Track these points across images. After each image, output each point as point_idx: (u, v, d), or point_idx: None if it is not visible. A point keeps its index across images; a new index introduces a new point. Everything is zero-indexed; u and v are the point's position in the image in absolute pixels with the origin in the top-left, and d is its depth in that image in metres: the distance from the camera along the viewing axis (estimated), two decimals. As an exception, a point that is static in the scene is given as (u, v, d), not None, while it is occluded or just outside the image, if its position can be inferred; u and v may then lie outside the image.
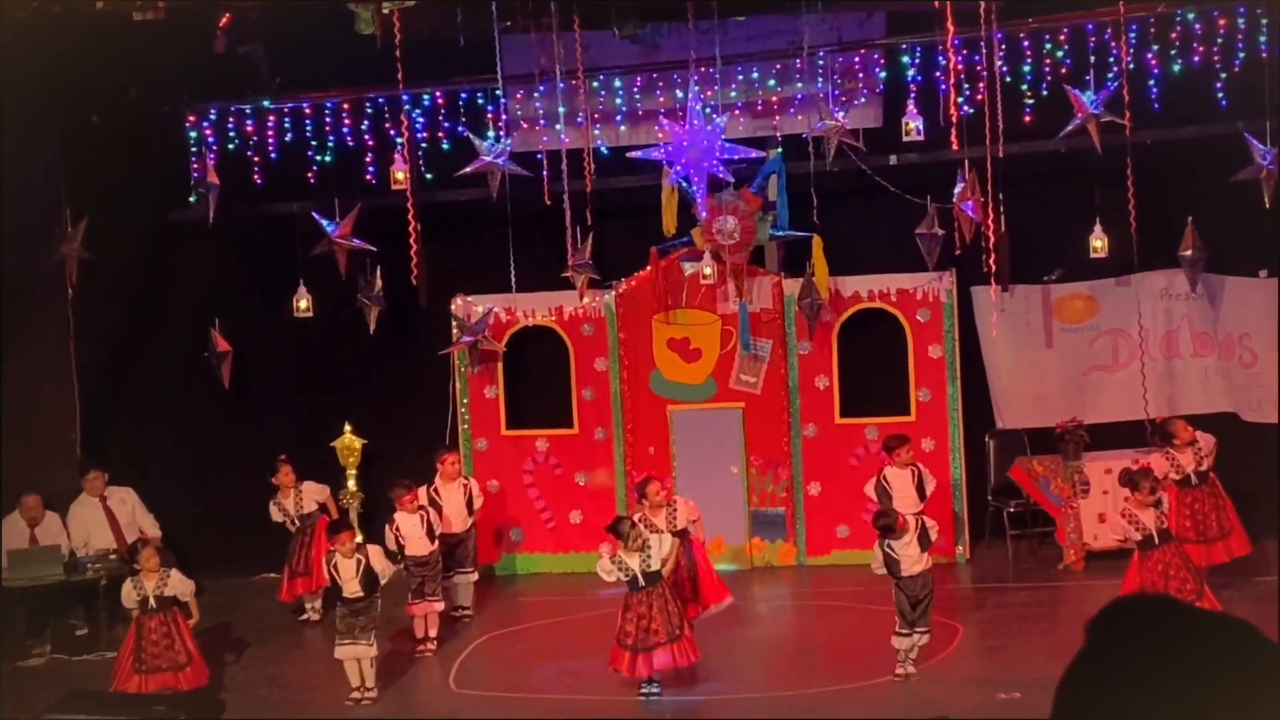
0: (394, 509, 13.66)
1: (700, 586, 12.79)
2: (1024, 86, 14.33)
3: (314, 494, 14.79)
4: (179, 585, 12.21)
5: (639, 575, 11.49)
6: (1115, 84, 13.61)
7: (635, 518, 12.23)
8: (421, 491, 13.94)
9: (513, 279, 14.79)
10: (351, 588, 12.03)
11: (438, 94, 15.22)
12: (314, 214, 14.76)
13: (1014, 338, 15.68)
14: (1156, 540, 11.96)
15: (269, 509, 14.74)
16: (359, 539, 12.77)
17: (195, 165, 15.12)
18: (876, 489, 13.57)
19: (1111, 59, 13.87)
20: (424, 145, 15.20)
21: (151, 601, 12.04)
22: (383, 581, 12.23)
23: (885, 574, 11.74)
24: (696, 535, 12.93)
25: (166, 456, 15.90)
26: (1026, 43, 14.31)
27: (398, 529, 13.50)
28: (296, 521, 14.68)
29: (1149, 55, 14.08)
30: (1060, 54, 14.28)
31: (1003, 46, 14.11)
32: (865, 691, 11.64)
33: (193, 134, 15.34)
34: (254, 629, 14.38)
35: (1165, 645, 2.00)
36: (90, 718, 10.50)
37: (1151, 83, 14.16)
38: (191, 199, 15.20)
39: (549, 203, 14.33)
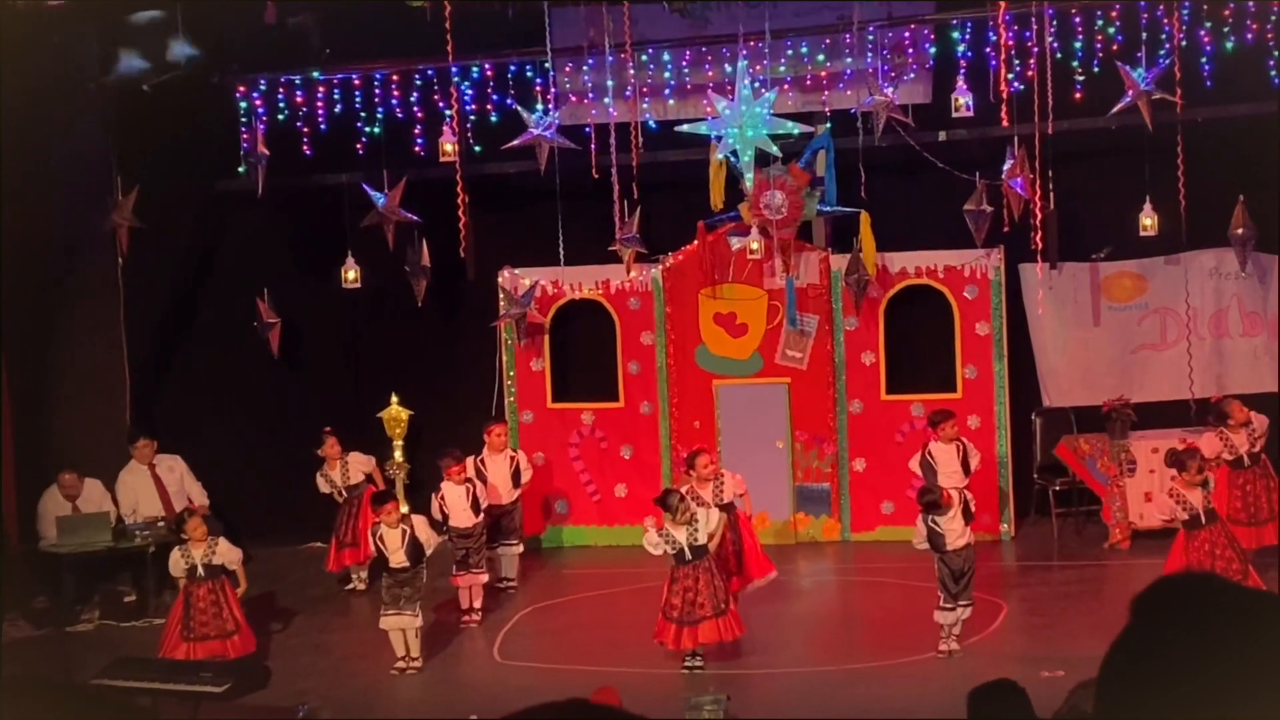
0: (440, 479, 13.71)
1: (745, 560, 12.81)
2: (1075, 63, 14.24)
3: (360, 465, 14.87)
4: (226, 554, 12.30)
5: (685, 549, 11.52)
6: (1167, 61, 13.53)
7: (683, 490, 12.25)
8: (468, 462, 13.99)
9: (561, 252, 14.83)
10: (397, 558, 12.10)
11: (486, 66, 15.24)
12: (364, 185, 14.83)
13: (1061, 315, 15.62)
14: (1203, 520, 11.91)
15: (316, 480, 14.83)
16: (404, 510, 12.85)
17: (245, 135, 15.19)
18: (921, 464, 13.55)
19: (1163, 35, 13.77)
20: (472, 117, 15.22)
21: (199, 570, 12.14)
22: (428, 552, 12.30)
23: (928, 549, 11.74)
24: (743, 509, 12.95)
25: (215, 425, 16.02)
26: (1078, 19, 14.22)
27: (443, 499, 13.56)
28: (344, 492, 14.78)
29: (1201, 32, 13.98)
30: (1112, 30, 14.17)
31: (1054, 22, 14.03)
32: (908, 667, 11.65)
33: (243, 104, 15.41)
34: (301, 598, 14.48)
35: (1211, 624, 2.00)
36: (138, 683, 10.58)
37: (1204, 60, 14.06)
38: (241, 169, 15.27)
39: (596, 176, 14.37)
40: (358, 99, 15.43)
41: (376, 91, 15.39)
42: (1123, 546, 14.63)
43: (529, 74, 15.13)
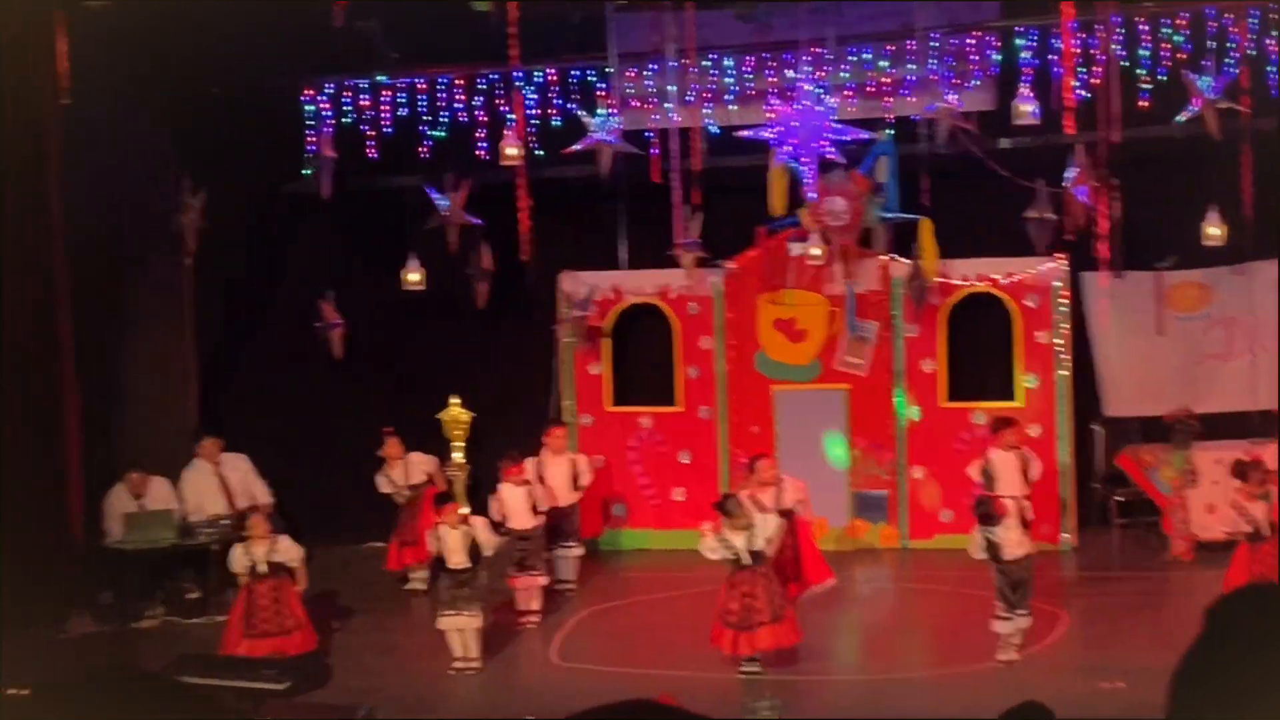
0: (499, 481, 13.77)
1: (803, 566, 12.80)
2: (1141, 71, 14.16)
3: (422, 465, 14.95)
4: (288, 552, 12.39)
5: (743, 553, 11.52)
6: (1234, 70, 13.43)
7: (742, 495, 12.26)
8: (528, 464, 14.05)
9: (622, 256, 14.87)
10: (457, 559, 12.16)
11: (550, 71, 15.30)
12: (427, 188, 14.91)
13: (1124, 325, 15.53)
14: (1265, 533, 11.82)
15: (377, 480, 14.92)
16: (465, 511, 12.91)
17: (311, 138, 15.33)
18: (981, 472, 13.49)
19: (1231, 44, 13.68)
20: (535, 121, 15.28)
21: (260, 567, 12.23)
22: (487, 554, 12.35)
23: (985, 558, 11.70)
24: (803, 515, 12.94)
25: (279, 425, 16.14)
26: (1144, 27, 14.14)
27: (502, 501, 13.61)
28: (405, 492, 14.86)
29: (1269, 40, 13.87)
30: (1179, 39, 14.09)
31: (1120, 29, 13.96)
32: (966, 677, 11.61)
33: (309, 107, 15.55)
34: (361, 597, 14.57)
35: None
36: (200, 679, 10.69)
37: (1271, 69, 13.94)
38: (307, 172, 15.40)
39: (658, 181, 14.40)
40: (422, 103, 15.53)
41: (441, 95, 15.49)
42: (1185, 558, 14.52)
43: (591, 78, 15.19)
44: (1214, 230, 13.98)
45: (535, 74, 15.28)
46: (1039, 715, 6.82)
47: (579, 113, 14.63)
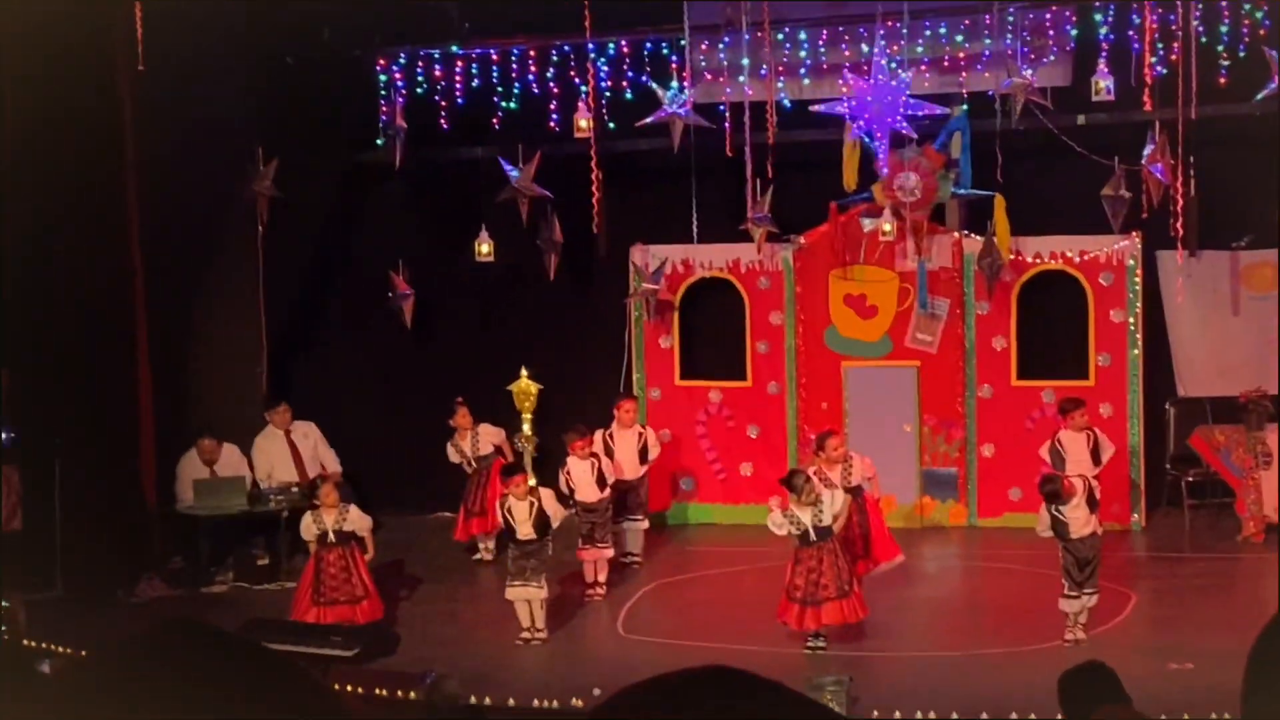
0: (567, 454, 13.81)
1: (872, 543, 12.78)
2: (1220, 47, 13.99)
3: (490, 436, 15.02)
4: (357, 521, 12.49)
5: (810, 529, 11.51)
6: (1315, 46, 13.26)
7: (810, 471, 12.25)
8: (597, 437, 14.07)
9: (694, 230, 14.86)
10: (524, 530, 12.20)
11: (623, 43, 15.28)
12: (501, 160, 14.93)
13: (1199, 304, 15.38)
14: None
15: (446, 450, 15.00)
16: (532, 482, 12.96)
17: (384, 109, 15.40)
18: (1050, 452, 13.41)
19: (1313, 21, 13.49)
20: (608, 94, 15.28)
21: (330, 535, 12.33)
22: (555, 525, 12.39)
23: (1052, 536, 11.65)
24: (871, 492, 12.90)
25: (349, 394, 16.25)
26: (1224, 2, 13.97)
27: (569, 474, 13.65)
28: (473, 463, 14.94)
29: (1353, 17, 13.67)
30: (1259, 14, 13.90)
31: (1199, 6, 13.79)
32: (1033, 655, 11.54)
33: (382, 77, 15.61)
34: (428, 566, 14.66)
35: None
36: (270, 645, 10.79)
37: (1355, 45, 13.74)
38: (379, 142, 15.47)
39: (730, 155, 14.36)
40: (495, 74, 15.55)
41: (513, 67, 15.51)
42: (1256, 540, 14.39)
43: (664, 51, 15.16)
44: (1292, 210, 13.81)
45: (608, 46, 15.27)
46: (1101, 674, 6.81)
47: (652, 85, 14.61)
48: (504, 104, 15.61)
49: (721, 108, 14.69)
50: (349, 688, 9.68)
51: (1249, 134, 14.37)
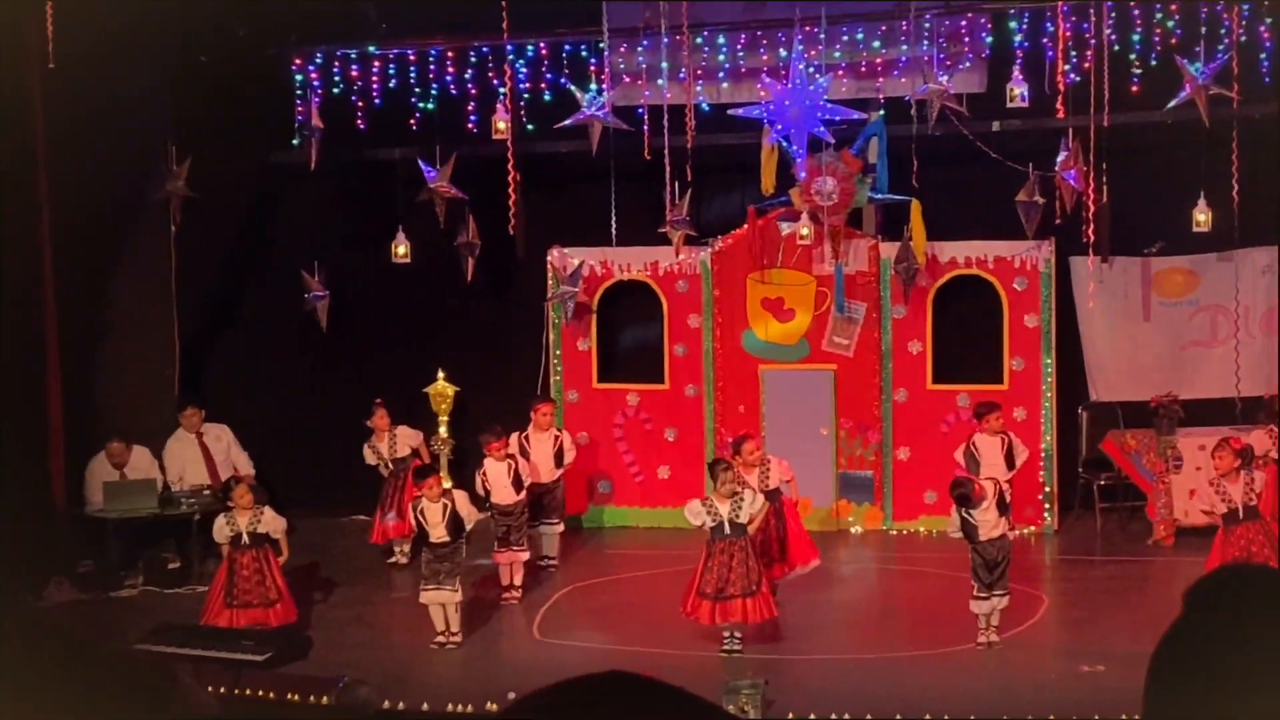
0: (484, 455, 13.75)
1: (789, 547, 12.79)
2: (1132, 55, 14.15)
3: (408, 439, 14.94)
4: (271, 523, 12.38)
5: (726, 523, 11.54)
6: (1225, 56, 13.43)
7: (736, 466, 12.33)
8: (513, 439, 14.01)
9: (613, 232, 14.85)
10: (437, 532, 12.13)
11: (541, 45, 15.24)
12: (419, 160, 14.85)
13: (1111, 310, 15.55)
14: (1241, 515, 11.83)
15: (363, 451, 14.91)
16: (447, 485, 12.88)
17: (300, 108, 15.27)
18: (965, 455, 13.50)
19: (1223, 30, 13.67)
20: (526, 96, 15.23)
21: (244, 538, 12.21)
22: (468, 527, 12.32)
23: (962, 537, 11.72)
24: (789, 495, 12.93)
25: (263, 396, 16.12)
26: (1136, 11, 14.13)
27: (485, 475, 13.59)
28: (390, 465, 14.84)
29: (1261, 28, 13.85)
30: (1171, 24, 14.07)
31: (1112, 14, 13.94)
32: (947, 658, 11.63)
33: (298, 77, 15.48)
34: (343, 570, 14.55)
35: (1268, 617, 1.99)
36: (180, 649, 10.68)
37: (1263, 56, 13.92)
38: (295, 141, 15.34)
39: (648, 158, 14.36)
40: (413, 74, 15.47)
41: (431, 67, 15.43)
42: (1166, 543, 14.56)
43: (584, 53, 15.14)
44: (1202, 217, 13.98)
45: (527, 47, 15.23)
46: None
47: (570, 87, 14.59)
48: (421, 105, 15.53)
49: (640, 111, 14.69)
50: (260, 693, 9.58)
51: (1161, 141, 14.56)
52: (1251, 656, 1.96)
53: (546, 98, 15.25)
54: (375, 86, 15.53)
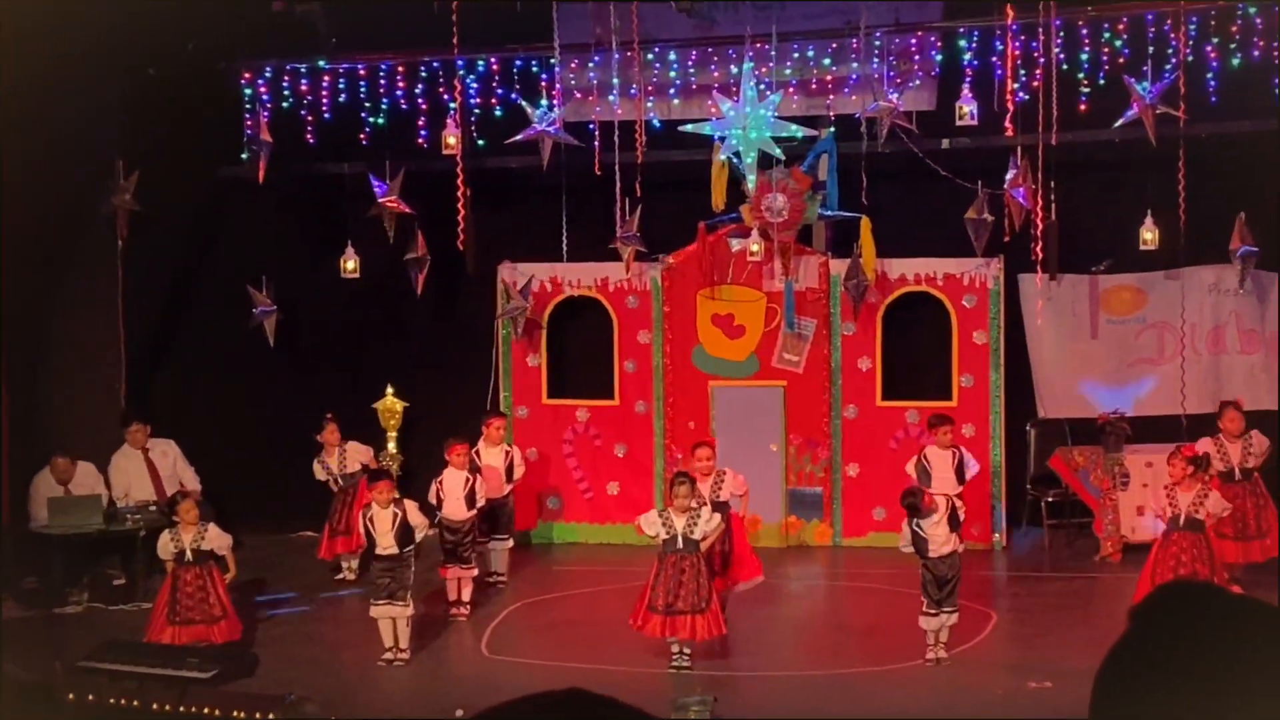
0: (433, 471, 13.66)
1: (732, 562, 12.79)
2: (1080, 75, 14.24)
3: (358, 454, 14.85)
4: (216, 539, 12.28)
5: (679, 536, 11.52)
6: (1172, 75, 13.54)
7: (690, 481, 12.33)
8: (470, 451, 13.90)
9: (563, 248, 14.84)
10: (385, 541, 12.03)
11: (492, 60, 15.23)
12: (370, 176, 14.80)
13: (1059, 327, 15.63)
14: (1181, 523, 11.90)
15: (313, 467, 14.83)
16: (396, 495, 12.78)
17: (249, 122, 15.19)
18: (917, 468, 13.53)
19: (1170, 50, 13.77)
20: (476, 111, 15.21)
21: (188, 554, 12.12)
22: (418, 537, 12.23)
23: (913, 552, 11.73)
24: (739, 511, 12.92)
25: (210, 411, 16.01)
26: (1085, 31, 14.22)
27: (441, 484, 13.46)
28: (339, 480, 14.77)
29: (1208, 47, 13.97)
30: (1119, 43, 14.18)
31: (1061, 34, 14.03)
32: (896, 674, 11.64)
33: (248, 91, 15.41)
34: (291, 586, 14.45)
35: (1211, 634, 2.00)
36: (124, 667, 10.59)
37: (1209, 76, 14.04)
38: (244, 156, 15.26)
39: (599, 174, 14.37)
40: (363, 89, 15.42)
41: (381, 82, 15.39)
42: (1114, 559, 14.64)
43: (534, 69, 15.13)
44: (1149, 235, 14.08)
45: (478, 63, 15.21)
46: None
47: (521, 103, 14.58)
48: (371, 119, 15.48)
49: (591, 126, 14.70)
50: (205, 710, 9.50)
51: (1109, 160, 14.66)
52: (1194, 672, 1.97)
53: (497, 113, 15.23)
54: (325, 101, 15.47)
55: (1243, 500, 13.45)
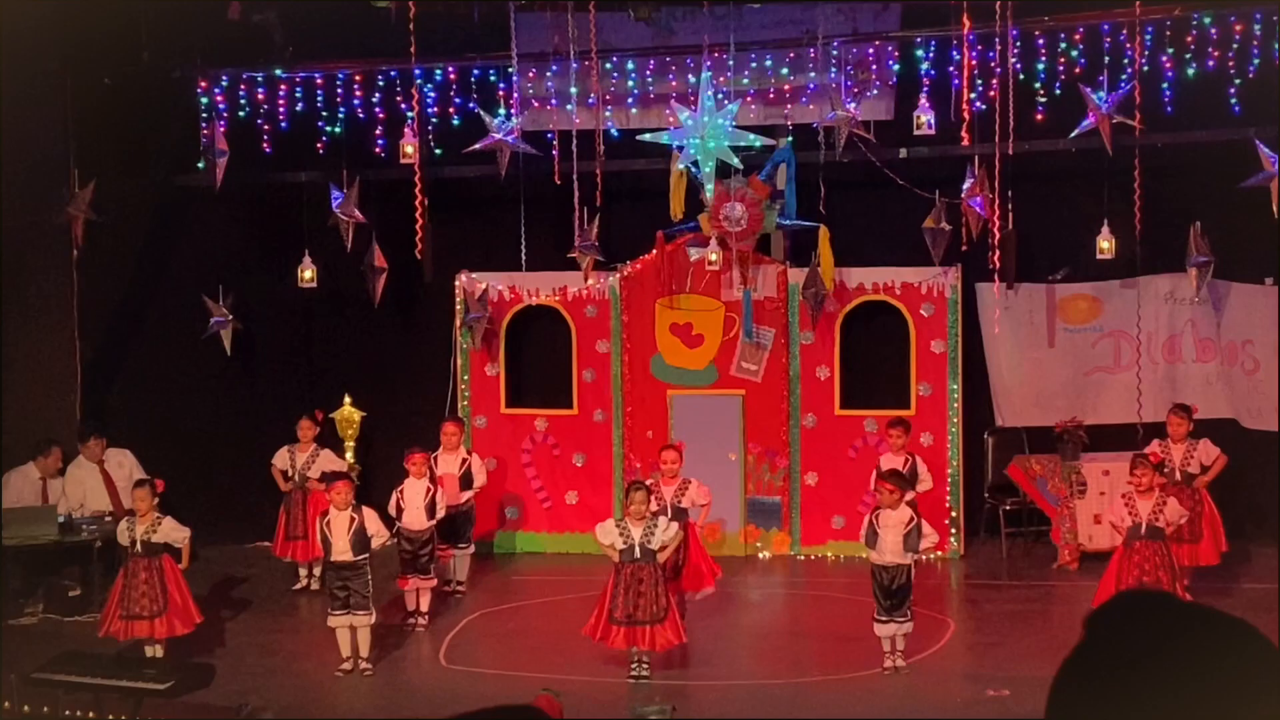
0: (392, 481, 13.61)
1: (684, 571, 12.75)
2: (1037, 84, 14.30)
3: (328, 462, 14.66)
4: (170, 533, 12.15)
5: (636, 546, 11.50)
6: (1128, 85, 13.62)
7: (649, 483, 12.30)
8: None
9: (522, 258, 14.81)
10: (340, 547, 11.95)
11: (450, 69, 15.19)
12: (330, 185, 14.74)
13: (1017, 336, 15.68)
14: (1143, 532, 11.95)
15: (276, 454, 14.67)
16: (353, 500, 12.67)
17: (205, 131, 15.11)
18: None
19: (1126, 60, 13.85)
20: (434, 120, 15.17)
21: (138, 545, 12.03)
22: (374, 545, 12.16)
23: (865, 547, 11.77)
24: (697, 520, 12.91)
25: (166, 421, 15.90)
26: (1041, 41, 14.28)
27: (402, 493, 13.40)
28: (295, 476, 14.63)
29: (1164, 58, 14.04)
30: (1075, 53, 14.25)
31: (1017, 44, 14.09)
32: (854, 683, 11.66)
33: (204, 100, 15.33)
34: (247, 596, 14.39)
35: (1165, 642, 2.00)
36: (80, 679, 10.49)
37: (1165, 86, 14.11)
38: (200, 164, 15.18)
39: (558, 183, 14.35)
40: (319, 98, 15.36)
41: (338, 91, 15.34)
42: (1071, 568, 14.69)
43: (492, 78, 15.10)
44: (1106, 244, 14.15)
45: (435, 72, 15.18)
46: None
47: (479, 112, 14.55)
48: (328, 128, 15.42)
49: (549, 135, 14.69)
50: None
51: (1065, 169, 14.73)
52: (1149, 680, 1.97)
53: (455, 122, 15.19)
54: (281, 109, 15.40)
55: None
